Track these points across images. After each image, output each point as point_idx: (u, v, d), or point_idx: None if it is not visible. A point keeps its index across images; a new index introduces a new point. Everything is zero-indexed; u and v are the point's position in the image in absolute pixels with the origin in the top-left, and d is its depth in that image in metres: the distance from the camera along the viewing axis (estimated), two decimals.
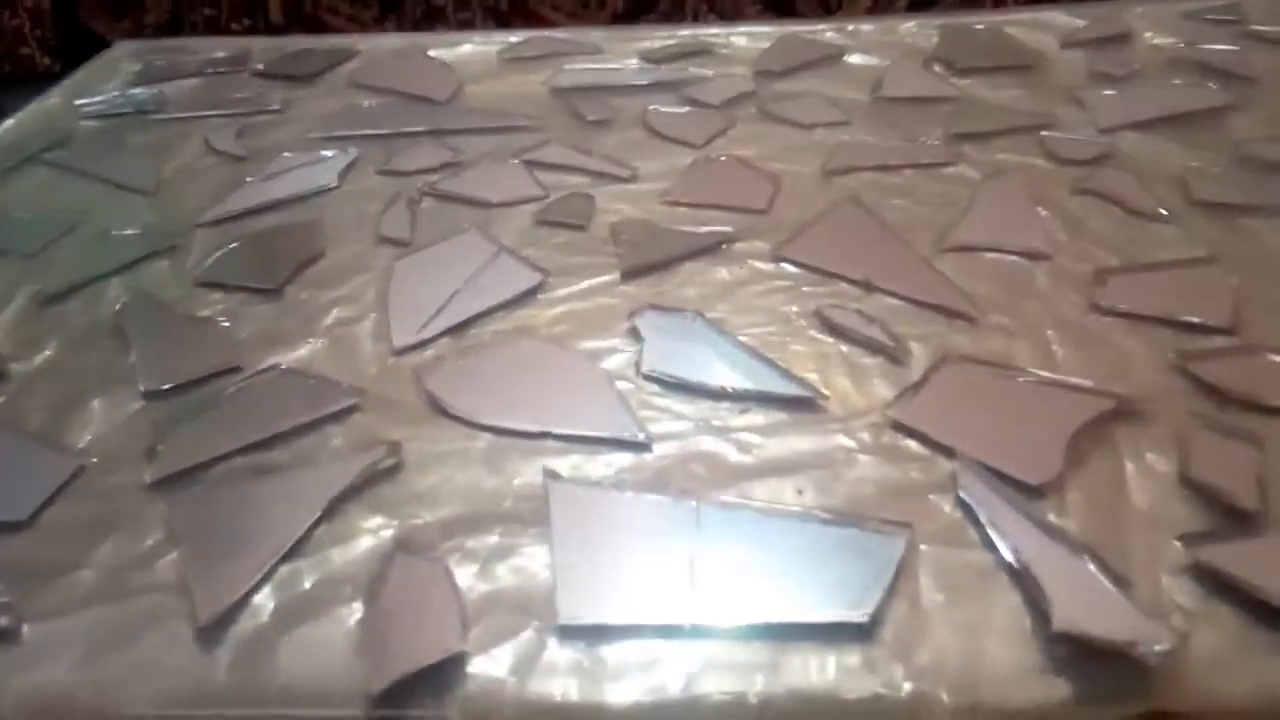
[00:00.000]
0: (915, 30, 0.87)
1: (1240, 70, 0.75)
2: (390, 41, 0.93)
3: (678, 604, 0.38)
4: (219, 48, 0.93)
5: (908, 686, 0.35)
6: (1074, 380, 0.48)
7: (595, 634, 0.38)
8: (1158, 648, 0.35)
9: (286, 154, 0.73)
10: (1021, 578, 0.38)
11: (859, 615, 0.37)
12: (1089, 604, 0.37)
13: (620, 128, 0.75)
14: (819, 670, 0.36)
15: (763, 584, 0.39)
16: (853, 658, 0.36)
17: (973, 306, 0.53)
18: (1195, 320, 0.51)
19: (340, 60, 0.89)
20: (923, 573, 0.39)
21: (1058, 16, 0.87)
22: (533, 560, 0.41)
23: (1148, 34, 0.83)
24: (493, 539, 0.42)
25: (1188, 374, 0.48)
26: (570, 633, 0.38)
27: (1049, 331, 0.51)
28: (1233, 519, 0.40)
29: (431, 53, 0.89)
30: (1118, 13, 0.86)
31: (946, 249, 0.58)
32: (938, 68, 0.81)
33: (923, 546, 0.40)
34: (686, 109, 0.77)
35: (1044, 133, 0.69)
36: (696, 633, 0.37)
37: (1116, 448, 0.44)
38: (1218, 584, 0.38)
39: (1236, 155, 0.65)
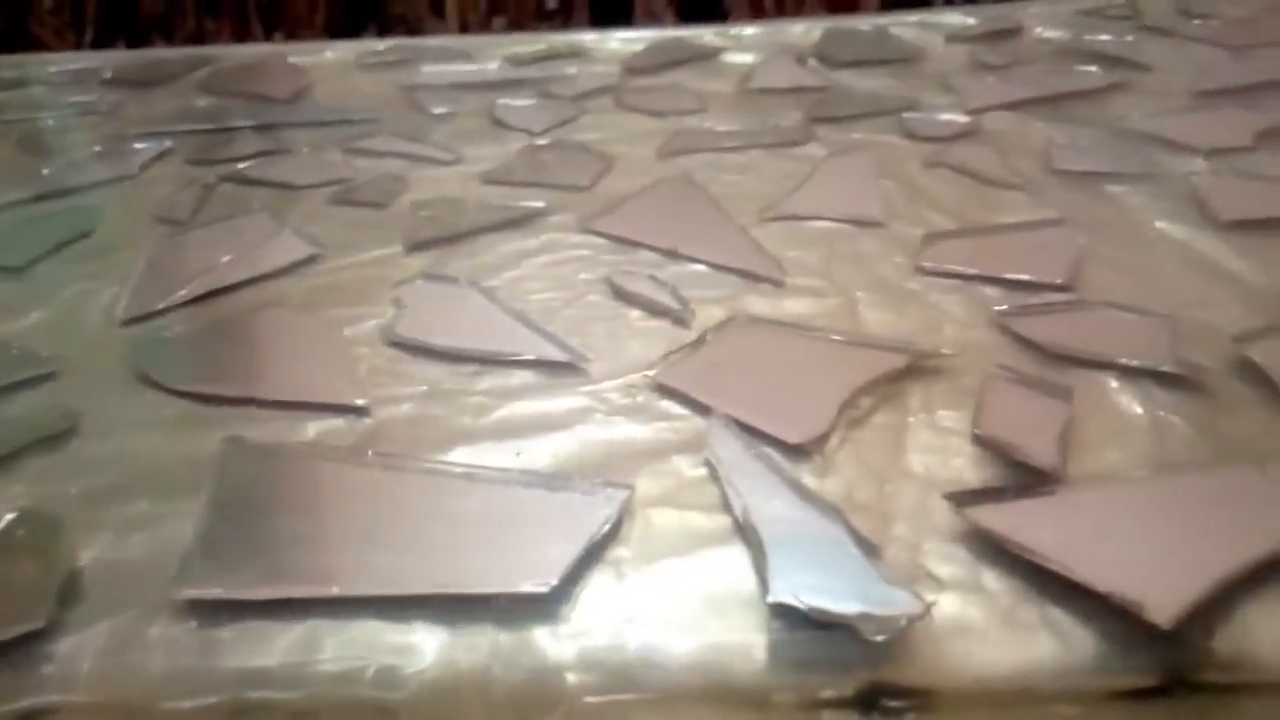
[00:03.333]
0: (801, 32, 0.83)
1: (1131, 56, 0.70)
2: (251, 50, 0.89)
3: (335, 576, 0.31)
4: (74, 60, 0.89)
5: (570, 674, 0.28)
6: (871, 338, 0.41)
7: (215, 610, 0.30)
8: (891, 619, 0.28)
9: (97, 148, 0.68)
10: (749, 542, 0.31)
11: (538, 586, 0.30)
12: (821, 571, 0.30)
13: (461, 119, 0.69)
14: (467, 650, 0.29)
15: (441, 554, 0.32)
16: (512, 635, 0.29)
17: (780, 270, 0.47)
18: (1027, 278, 0.44)
19: (194, 67, 0.84)
20: (638, 538, 0.32)
21: (950, 16, 0.82)
22: (178, 531, 0.33)
23: (1038, 29, 0.78)
24: (139, 508, 0.35)
25: (1005, 330, 0.41)
26: (191, 608, 0.31)
27: (860, 293, 0.45)
28: (1027, 478, 0.33)
29: (291, 59, 0.84)
30: (1012, 12, 0.82)
31: (771, 218, 0.52)
32: (813, 62, 0.75)
33: (652, 510, 0.33)
34: (535, 101, 0.71)
35: (906, 114, 0.64)
36: (346, 609, 0.30)
37: (905, 405, 0.37)
38: (990, 549, 0.31)
39: (1112, 129, 0.59)
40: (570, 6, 1.42)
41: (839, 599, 0.29)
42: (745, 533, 0.32)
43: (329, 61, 0.83)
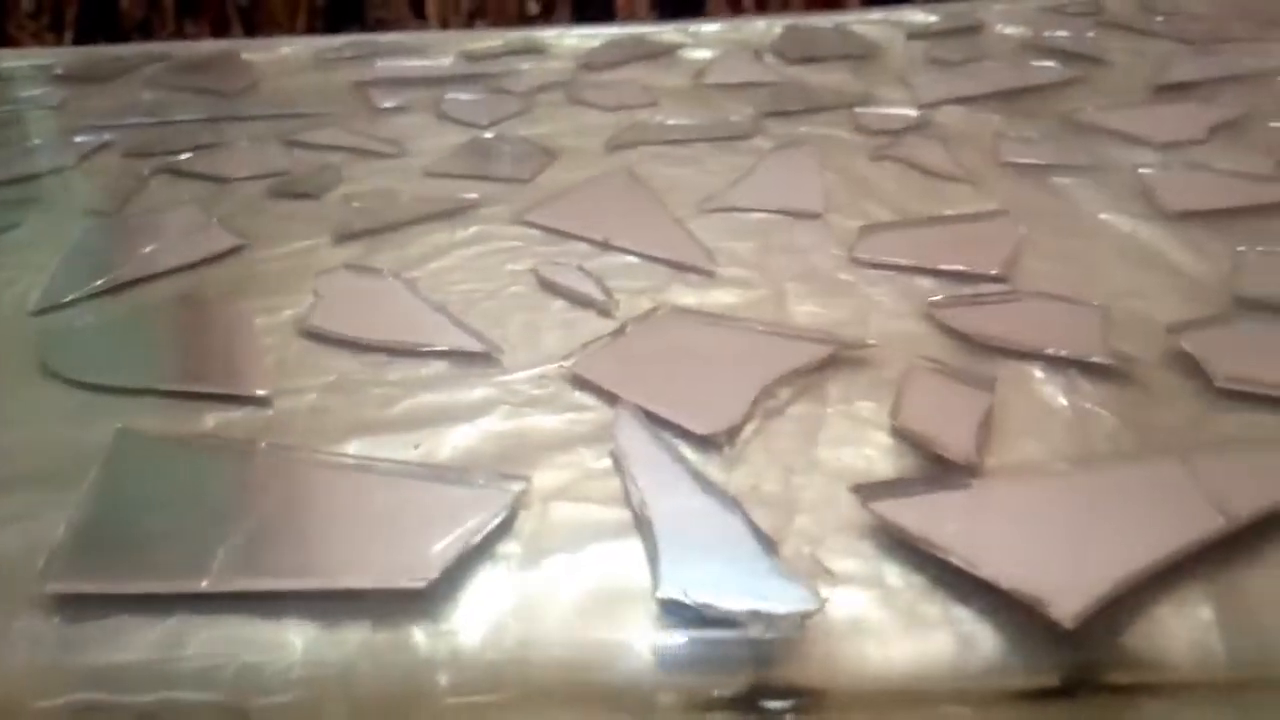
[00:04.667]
0: (762, 29, 0.81)
1: (1090, 52, 0.69)
2: (205, 46, 0.88)
3: (207, 571, 0.29)
4: (26, 57, 0.88)
5: (443, 675, 0.27)
6: (795, 329, 0.40)
7: (82, 605, 0.29)
8: (783, 617, 0.26)
9: (36, 141, 0.67)
10: (645, 536, 0.30)
11: (415, 582, 0.28)
12: (714, 566, 0.28)
13: (409, 113, 0.68)
14: (336, 647, 0.27)
15: (322, 549, 0.30)
16: (386, 633, 0.28)
17: (711, 261, 0.45)
18: (961, 269, 0.43)
19: (146, 63, 0.83)
20: (532, 532, 0.31)
21: (912, 14, 0.81)
22: (55, 524, 0.32)
23: (1000, 25, 0.77)
24: (19, 500, 0.33)
25: (934, 321, 0.40)
26: (58, 602, 0.29)
27: (790, 284, 0.43)
28: (941, 470, 0.32)
29: (245, 55, 0.83)
30: (974, 10, 0.80)
31: (710, 210, 0.51)
32: (770, 58, 0.74)
33: (551, 503, 0.32)
34: (485, 95, 0.70)
35: (858, 109, 0.63)
36: (216, 605, 0.29)
37: (824, 396, 0.36)
38: (895, 544, 0.29)
39: (1064, 122, 0.58)
40: (552, 9, 1.41)
41: (730, 595, 0.27)
42: (642, 527, 0.30)
43: (283, 58, 0.82)
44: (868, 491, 0.30)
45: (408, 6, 1.41)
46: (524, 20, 1.40)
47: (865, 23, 0.80)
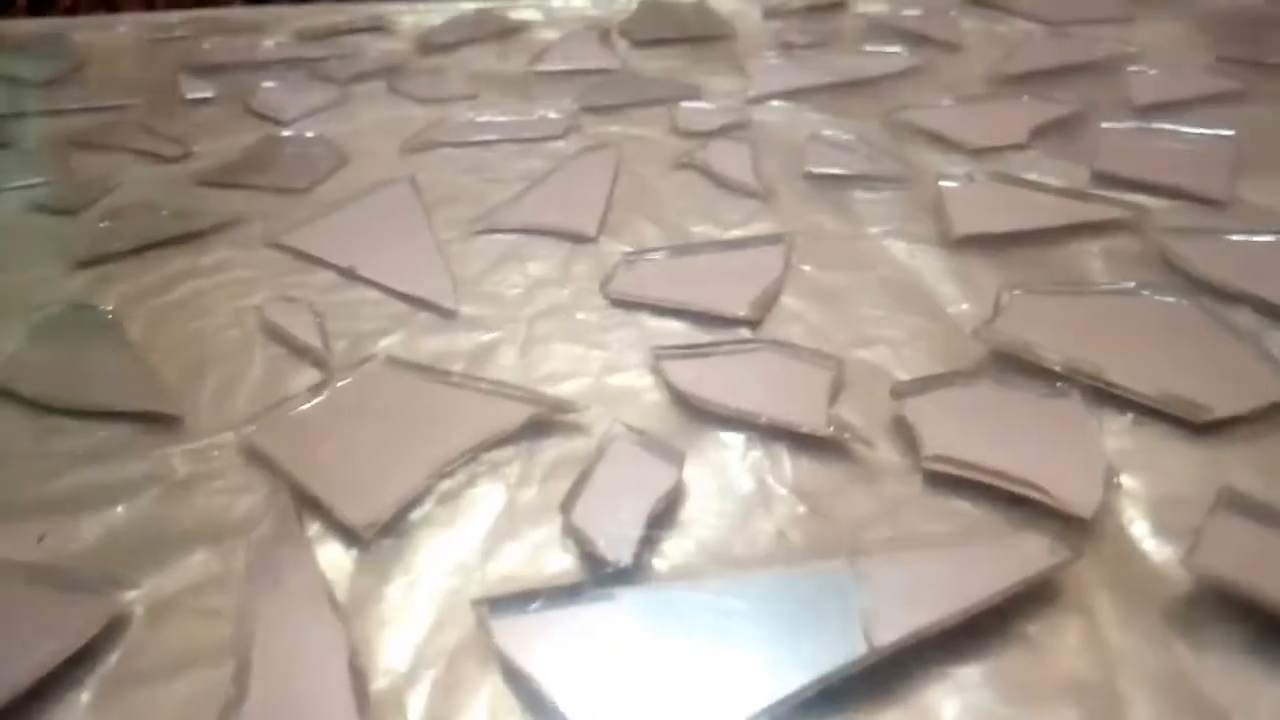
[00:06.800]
0: (621, 5, 0.77)
1: (941, 36, 0.65)
2: (29, 25, 0.82)
3: None
4: None
5: None
6: (509, 386, 0.36)
7: None
8: None
9: None
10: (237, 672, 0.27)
11: None
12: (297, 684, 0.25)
13: (214, 105, 0.63)
14: None
15: None
16: None
17: (454, 298, 0.42)
18: (710, 310, 0.40)
19: None
20: (131, 650, 0.28)
21: None
22: None
23: (861, 4, 0.72)
24: None
25: (659, 374, 0.36)
26: None
27: (529, 326, 0.40)
28: (602, 574, 0.29)
29: (77, 35, 0.78)
30: None
31: (481, 231, 0.47)
32: (616, 38, 0.70)
33: (165, 613, 0.29)
34: (302, 83, 0.65)
35: (684, 104, 0.58)
36: None
37: (507, 474, 0.33)
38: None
39: (887, 122, 0.54)
40: None
41: None
42: (238, 658, 0.27)
43: (113, 38, 0.77)
44: (489, 607, 0.27)
45: None
46: None
47: None
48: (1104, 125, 0.52)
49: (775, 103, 0.58)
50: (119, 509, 0.32)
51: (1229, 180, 0.46)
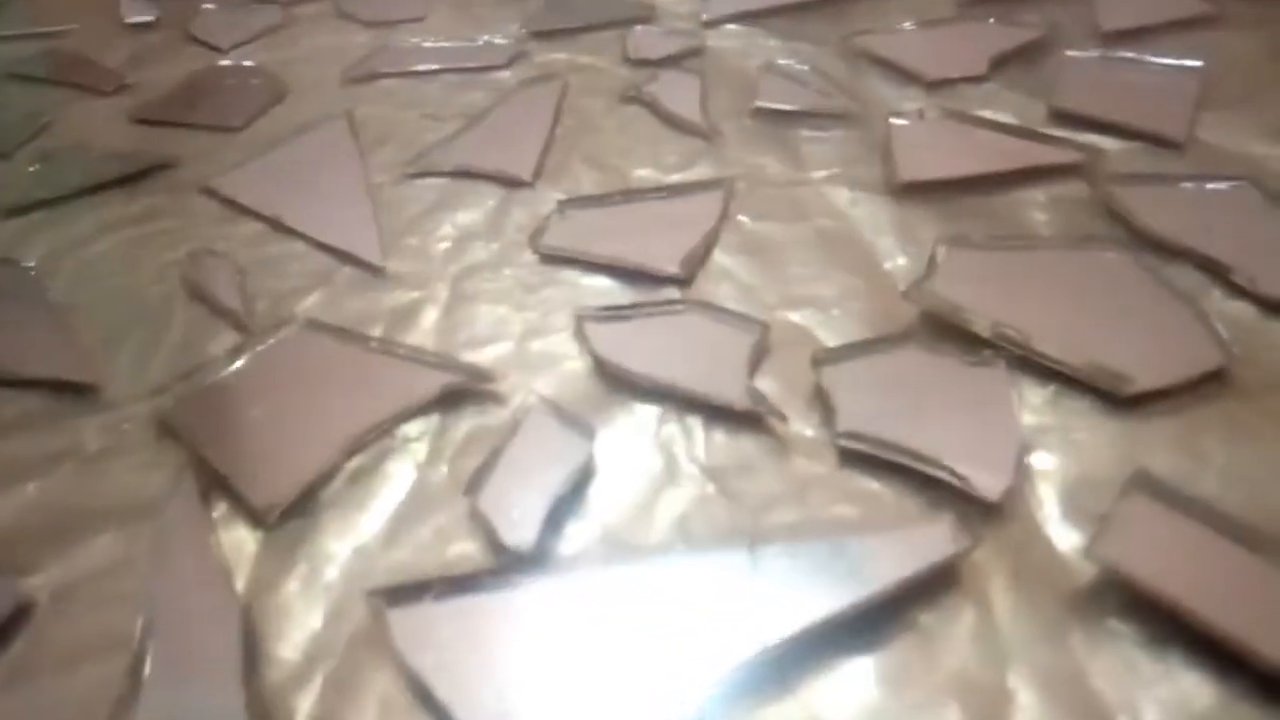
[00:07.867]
0: None
1: None
2: None
3: None
4: None
5: None
6: (426, 354, 0.36)
7: None
8: None
9: None
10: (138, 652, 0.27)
11: None
12: (191, 698, 0.26)
13: (154, 31, 0.61)
14: None
15: None
16: None
17: (380, 254, 0.41)
18: (641, 266, 0.39)
19: None
20: (28, 644, 0.28)
21: None
22: None
23: None
24: None
25: (581, 339, 0.36)
26: None
27: (455, 284, 0.39)
28: (504, 563, 0.29)
29: None
30: None
31: (413, 174, 0.46)
32: None
33: (63, 606, 0.29)
34: (241, 9, 0.63)
35: (638, 27, 0.56)
36: None
37: (412, 451, 0.32)
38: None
39: (844, 50, 0.52)
40: None
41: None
42: (142, 640, 0.27)
43: None
44: (385, 597, 0.27)
45: None
46: None
47: None
48: (1067, 54, 0.49)
49: (731, 26, 0.55)
50: (30, 487, 0.32)
51: (1189, 118, 0.44)
